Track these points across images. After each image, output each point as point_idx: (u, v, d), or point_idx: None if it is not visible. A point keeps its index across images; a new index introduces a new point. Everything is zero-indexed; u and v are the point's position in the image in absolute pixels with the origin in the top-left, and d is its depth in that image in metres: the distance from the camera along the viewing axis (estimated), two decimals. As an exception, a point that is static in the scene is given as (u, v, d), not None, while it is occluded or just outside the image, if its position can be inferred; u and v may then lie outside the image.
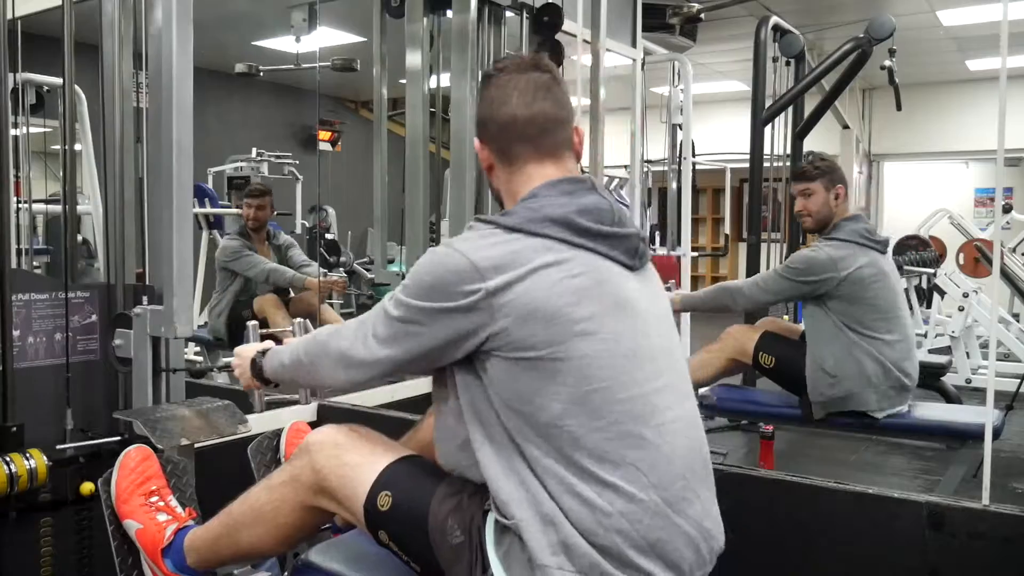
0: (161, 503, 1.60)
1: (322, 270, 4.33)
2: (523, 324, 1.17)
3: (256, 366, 1.54)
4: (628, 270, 1.28)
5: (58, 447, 1.89)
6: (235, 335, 4.10)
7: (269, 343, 1.63)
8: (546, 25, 3.08)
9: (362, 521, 1.30)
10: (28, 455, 1.79)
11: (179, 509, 1.61)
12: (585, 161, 2.86)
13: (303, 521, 1.40)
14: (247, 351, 1.59)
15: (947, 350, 5.03)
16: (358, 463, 1.32)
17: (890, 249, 2.97)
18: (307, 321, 1.77)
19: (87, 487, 1.93)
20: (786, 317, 2.85)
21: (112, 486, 1.62)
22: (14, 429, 1.81)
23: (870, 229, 2.72)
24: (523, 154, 1.33)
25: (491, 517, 1.22)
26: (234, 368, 1.61)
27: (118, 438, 1.92)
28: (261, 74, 6.06)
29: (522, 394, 1.18)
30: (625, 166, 6.02)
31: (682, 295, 3.12)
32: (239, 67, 6.01)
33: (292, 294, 4.09)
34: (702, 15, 4.98)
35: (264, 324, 3.93)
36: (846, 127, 7.41)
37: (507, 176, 1.36)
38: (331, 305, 4.58)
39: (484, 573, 1.20)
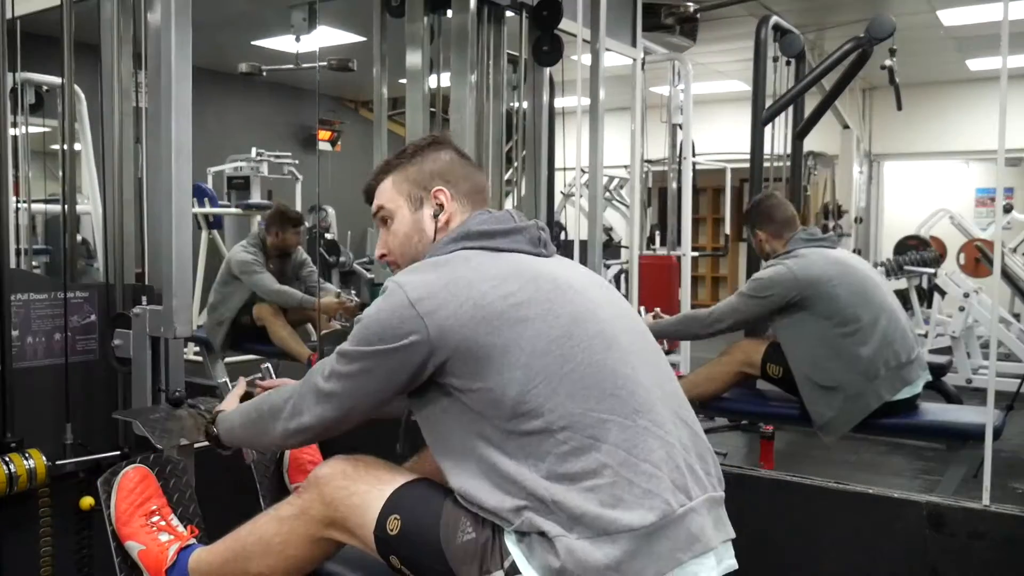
0: (162, 522, 1.58)
1: (336, 291, 4.25)
2: None
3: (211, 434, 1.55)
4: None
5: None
6: (236, 342, 4.09)
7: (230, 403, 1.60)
8: (545, 20, 3.07)
9: (374, 549, 1.29)
10: (27, 455, 1.79)
11: (180, 527, 1.59)
12: (585, 161, 2.86)
13: (313, 553, 1.39)
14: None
15: (947, 350, 5.02)
16: (366, 491, 1.32)
17: (851, 241, 2.94)
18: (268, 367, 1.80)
19: (86, 502, 1.95)
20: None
21: (112, 508, 1.59)
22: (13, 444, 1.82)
23: (811, 232, 2.82)
24: None
25: (510, 532, 1.20)
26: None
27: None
28: (264, 74, 6.05)
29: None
30: (625, 166, 6.03)
31: (650, 323, 3.03)
32: (242, 67, 5.99)
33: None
34: (698, 15, 4.97)
35: (263, 331, 3.92)
36: (846, 127, 7.40)
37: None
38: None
39: (503, 560, 1.18)
